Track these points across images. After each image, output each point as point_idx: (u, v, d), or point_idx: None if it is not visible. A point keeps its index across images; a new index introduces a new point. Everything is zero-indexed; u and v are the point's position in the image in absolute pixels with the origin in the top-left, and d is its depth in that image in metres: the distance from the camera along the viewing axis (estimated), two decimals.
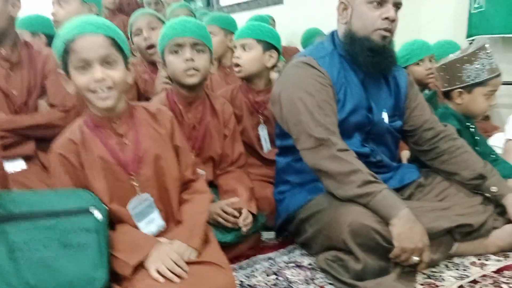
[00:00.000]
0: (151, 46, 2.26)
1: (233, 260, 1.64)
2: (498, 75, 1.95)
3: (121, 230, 1.33)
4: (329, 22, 1.77)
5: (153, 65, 2.31)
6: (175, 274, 1.22)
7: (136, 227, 1.37)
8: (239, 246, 1.70)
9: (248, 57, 2.10)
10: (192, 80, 1.74)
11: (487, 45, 1.94)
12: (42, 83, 1.87)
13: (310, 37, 3.80)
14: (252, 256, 1.73)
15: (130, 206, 1.37)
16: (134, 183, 1.38)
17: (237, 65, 2.11)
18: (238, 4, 5.12)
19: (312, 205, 1.66)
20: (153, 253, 1.26)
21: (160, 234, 1.40)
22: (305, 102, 1.60)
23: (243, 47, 2.11)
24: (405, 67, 2.63)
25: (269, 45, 2.12)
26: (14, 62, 1.81)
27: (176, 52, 1.74)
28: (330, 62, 1.68)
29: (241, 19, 3.64)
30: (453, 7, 3.45)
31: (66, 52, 1.30)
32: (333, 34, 1.78)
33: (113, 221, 1.33)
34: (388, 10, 1.62)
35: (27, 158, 1.78)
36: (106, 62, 1.30)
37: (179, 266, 1.24)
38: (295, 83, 1.65)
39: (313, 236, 1.64)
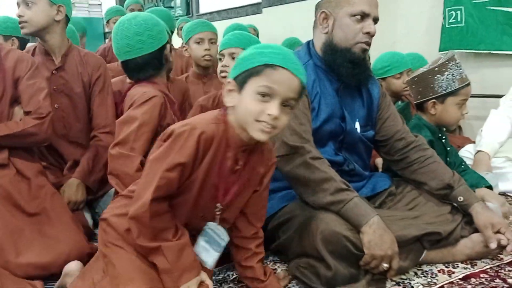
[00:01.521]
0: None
1: None
2: (468, 84, 2.02)
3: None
4: (307, 32, 1.80)
5: (204, 70, 2.74)
6: None
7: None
8: None
9: None
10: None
11: (455, 56, 2.00)
12: (13, 88, 1.81)
13: (288, 46, 3.84)
14: (226, 263, 1.73)
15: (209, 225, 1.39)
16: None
17: (226, 72, 2.11)
18: (218, 12, 5.16)
19: (285, 212, 1.68)
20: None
21: None
22: None
23: (232, 56, 2.13)
24: (383, 78, 2.69)
25: None
26: None
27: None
28: (306, 72, 1.71)
29: (221, 27, 3.66)
30: (427, 22, 3.55)
31: None
32: (308, 44, 1.81)
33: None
34: (370, 24, 1.67)
35: (0, 166, 1.72)
36: None
37: None
38: None
39: (286, 243, 1.66)
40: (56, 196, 1.78)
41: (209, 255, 1.39)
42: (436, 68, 2.00)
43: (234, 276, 1.63)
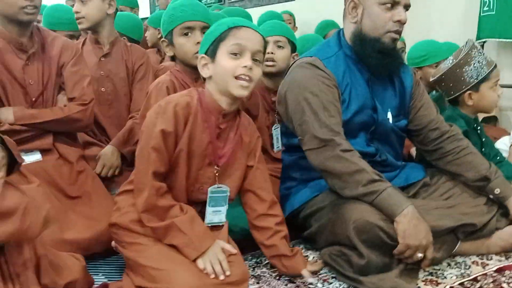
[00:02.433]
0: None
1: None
2: (496, 65, 2.03)
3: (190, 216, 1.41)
4: (341, 18, 1.79)
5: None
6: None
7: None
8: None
9: (283, 55, 2.19)
10: None
11: (475, 43, 2.01)
12: (58, 73, 1.87)
13: (322, 29, 3.78)
14: (258, 249, 1.76)
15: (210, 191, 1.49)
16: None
17: (272, 60, 2.16)
18: (250, 0, 5.15)
19: (317, 201, 1.70)
20: (208, 252, 1.36)
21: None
22: (310, 103, 1.62)
23: (277, 44, 2.18)
24: (419, 68, 2.65)
25: (294, 48, 2.23)
26: (31, 52, 1.80)
27: (186, 34, 1.80)
28: (336, 63, 1.70)
29: (253, 14, 3.66)
30: (463, 9, 3.46)
31: None
32: (339, 34, 1.79)
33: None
34: (400, 12, 1.64)
35: (44, 151, 1.79)
36: None
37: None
38: (300, 83, 1.67)
39: (318, 231, 1.67)
40: (96, 180, 1.85)
41: (221, 213, 1.51)
42: (461, 61, 2.00)
43: (267, 261, 1.66)
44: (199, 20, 1.80)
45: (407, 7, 1.66)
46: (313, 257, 1.71)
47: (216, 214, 1.51)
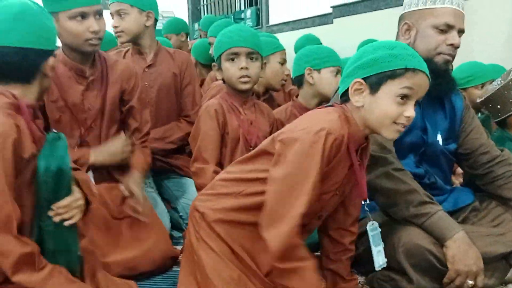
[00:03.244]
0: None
1: None
2: None
3: None
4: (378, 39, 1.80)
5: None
6: None
7: None
8: None
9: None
10: (246, 86, 1.85)
11: None
12: (116, 99, 1.88)
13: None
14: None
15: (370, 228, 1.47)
16: None
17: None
18: (286, 23, 5.22)
19: (364, 223, 1.67)
20: None
21: None
22: None
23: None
24: (463, 89, 2.62)
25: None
26: (91, 79, 1.82)
27: (232, 60, 1.83)
28: None
29: (291, 38, 3.71)
30: (506, 30, 3.41)
31: None
32: None
33: None
34: (454, 36, 1.63)
35: (97, 170, 1.83)
36: None
37: None
38: None
39: (365, 254, 1.64)
40: (144, 201, 1.88)
41: (382, 253, 1.47)
42: (510, 82, 1.98)
43: None
44: (244, 46, 1.83)
45: (461, 31, 1.66)
46: (360, 282, 1.68)
47: (379, 254, 1.46)
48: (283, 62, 2.53)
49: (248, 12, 5.84)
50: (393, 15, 1.94)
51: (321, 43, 3.67)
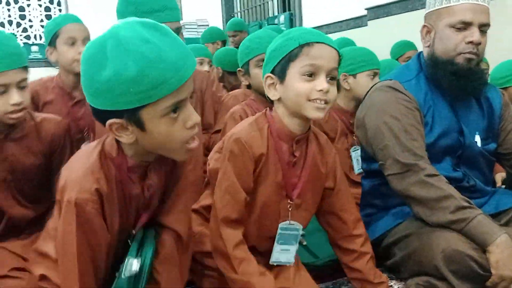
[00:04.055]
0: None
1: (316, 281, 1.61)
2: None
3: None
4: (413, 41, 1.76)
5: None
6: None
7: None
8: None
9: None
10: None
11: None
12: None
13: (402, 48, 3.66)
14: (339, 277, 1.72)
15: (280, 228, 1.41)
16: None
17: None
18: (320, 27, 5.19)
19: (400, 229, 1.64)
20: None
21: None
22: (390, 127, 1.59)
23: None
24: (503, 88, 2.53)
25: None
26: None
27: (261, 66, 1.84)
28: (417, 85, 1.67)
29: None
30: None
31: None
32: (419, 56, 1.76)
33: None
34: (472, 33, 1.57)
35: None
36: None
37: None
38: (379, 107, 1.65)
39: (402, 261, 1.61)
40: None
41: (290, 252, 1.43)
42: None
43: None
44: None
45: (483, 26, 1.59)
46: (397, 287, 1.65)
47: (284, 253, 1.43)
48: None
49: (282, 18, 5.84)
50: None
51: (355, 44, 3.61)
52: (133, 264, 1.17)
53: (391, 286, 1.66)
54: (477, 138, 1.69)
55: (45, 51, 2.12)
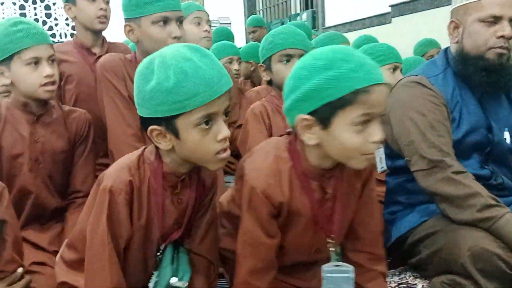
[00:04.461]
0: None
1: None
2: None
3: None
4: (437, 38, 1.74)
5: None
6: None
7: None
8: None
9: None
10: None
11: None
12: None
13: (425, 46, 3.58)
14: None
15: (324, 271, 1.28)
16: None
17: None
18: (343, 25, 5.16)
19: (426, 226, 1.62)
20: None
21: None
22: (416, 122, 1.57)
23: None
24: None
25: None
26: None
27: (286, 61, 1.84)
28: (444, 81, 1.65)
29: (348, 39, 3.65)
30: None
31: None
32: (446, 51, 1.74)
33: None
34: (503, 27, 1.55)
35: None
36: None
37: None
38: (405, 103, 1.63)
39: (428, 259, 1.59)
40: None
41: None
42: None
43: None
44: (299, 48, 1.84)
45: None
46: (422, 286, 1.63)
47: None
48: None
49: (304, 15, 5.84)
50: None
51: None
52: (172, 281, 1.23)
53: (415, 284, 1.65)
54: (507, 135, 1.66)
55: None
